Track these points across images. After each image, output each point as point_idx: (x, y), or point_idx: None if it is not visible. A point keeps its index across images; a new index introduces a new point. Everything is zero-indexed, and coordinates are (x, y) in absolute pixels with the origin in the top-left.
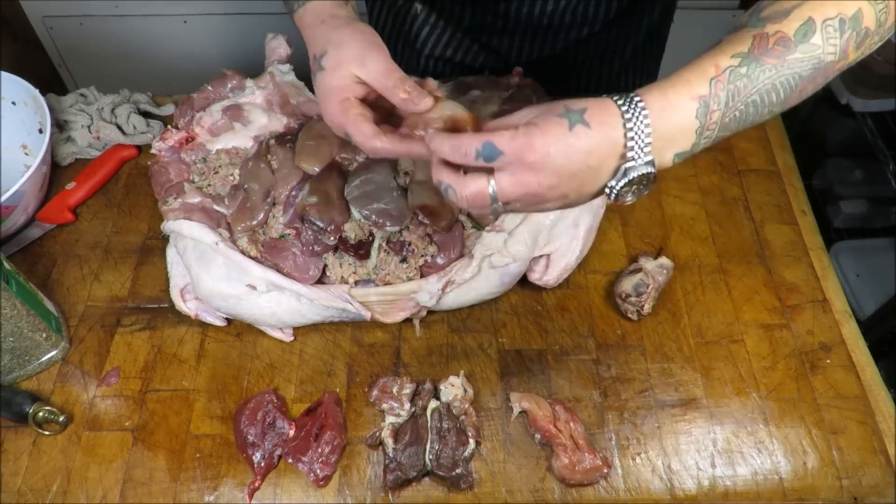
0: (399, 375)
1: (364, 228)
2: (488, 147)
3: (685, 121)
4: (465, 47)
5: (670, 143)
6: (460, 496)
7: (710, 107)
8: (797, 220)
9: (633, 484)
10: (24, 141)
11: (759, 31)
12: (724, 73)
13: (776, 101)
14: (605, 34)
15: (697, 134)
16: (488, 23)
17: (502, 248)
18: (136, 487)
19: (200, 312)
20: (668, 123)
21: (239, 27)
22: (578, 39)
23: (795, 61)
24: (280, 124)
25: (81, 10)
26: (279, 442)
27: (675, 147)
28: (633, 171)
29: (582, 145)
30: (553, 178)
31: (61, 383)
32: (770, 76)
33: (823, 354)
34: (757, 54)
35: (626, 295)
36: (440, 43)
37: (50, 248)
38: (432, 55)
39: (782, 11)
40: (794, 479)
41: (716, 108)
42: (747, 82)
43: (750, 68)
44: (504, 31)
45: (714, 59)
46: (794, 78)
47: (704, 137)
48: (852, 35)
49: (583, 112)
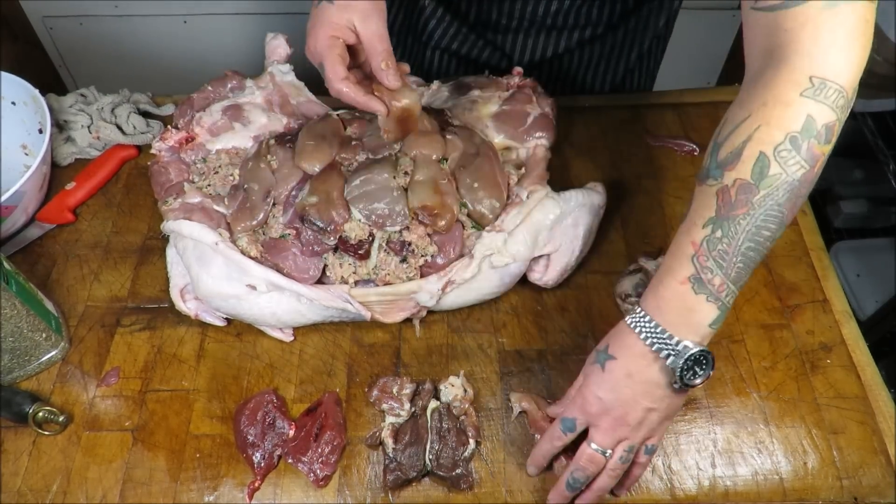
0: (399, 375)
1: (364, 228)
2: (566, 422)
3: (686, 303)
4: (470, 42)
5: (689, 323)
6: (460, 496)
7: (704, 278)
8: (797, 220)
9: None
10: (24, 141)
11: (720, 186)
12: (701, 246)
13: (771, 235)
14: (609, 37)
15: (713, 299)
16: (493, 20)
17: (502, 248)
18: (136, 487)
19: (200, 312)
20: (671, 314)
21: (239, 27)
22: (582, 41)
23: (764, 198)
24: (280, 124)
25: (81, 10)
26: (279, 442)
27: (700, 320)
28: (677, 361)
29: (617, 375)
30: (620, 408)
31: (61, 383)
32: (749, 223)
33: (824, 354)
34: (725, 213)
35: (627, 295)
36: (446, 36)
37: (50, 248)
38: (438, 47)
39: (735, 152)
40: (794, 479)
41: (712, 276)
42: (729, 241)
43: (724, 230)
44: (508, 28)
45: (689, 236)
46: (774, 209)
47: (726, 294)
48: (812, 142)
49: (606, 349)
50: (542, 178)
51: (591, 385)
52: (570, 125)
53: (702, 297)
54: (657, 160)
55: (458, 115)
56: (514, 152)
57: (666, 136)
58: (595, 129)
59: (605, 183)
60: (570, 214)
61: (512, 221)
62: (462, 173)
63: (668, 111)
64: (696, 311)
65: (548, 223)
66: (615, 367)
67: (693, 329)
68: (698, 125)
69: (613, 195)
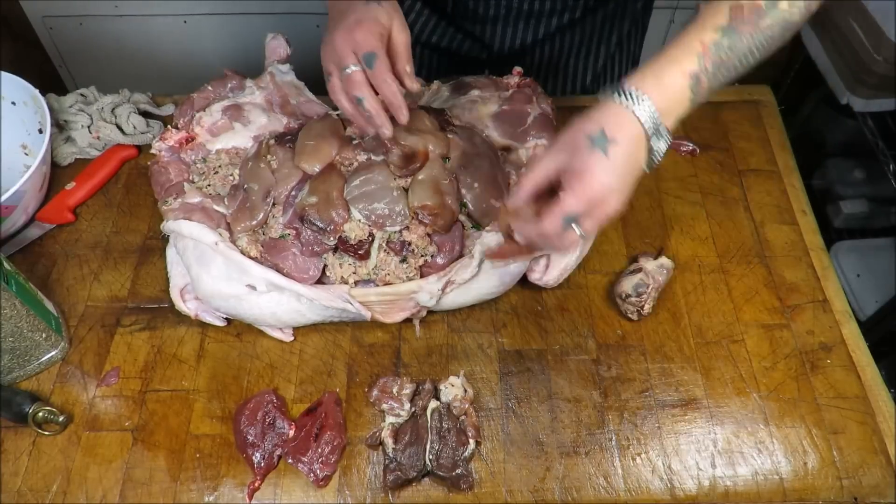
0: (399, 375)
1: (364, 228)
2: (567, 219)
3: (681, 95)
4: (449, 35)
5: (673, 112)
6: (460, 496)
7: (700, 79)
8: (797, 220)
9: (633, 484)
10: (24, 141)
11: (734, 3)
12: (709, 48)
13: (752, 62)
14: (588, 21)
15: (691, 102)
16: (471, 10)
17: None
18: (136, 487)
19: (200, 312)
20: (668, 101)
21: (239, 27)
22: (561, 26)
23: (767, 27)
24: (280, 124)
25: (81, 10)
26: (279, 442)
27: (676, 114)
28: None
29: (622, 160)
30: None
31: (61, 383)
32: (747, 43)
33: (824, 354)
34: (735, 25)
35: (627, 295)
36: (426, 30)
37: (50, 248)
38: (419, 42)
39: None
40: (794, 480)
41: (705, 79)
42: (730, 52)
43: (731, 40)
44: (486, 18)
45: (699, 35)
46: (767, 40)
47: (696, 103)
48: None
49: (603, 133)
50: None
51: (597, 172)
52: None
53: (689, 95)
54: None
55: (458, 115)
56: (514, 152)
57: None
58: None
59: None
60: None
61: None
62: (462, 173)
63: None
64: (681, 104)
65: None
66: (617, 152)
67: (672, 118)
68: (698, 125)
69: None
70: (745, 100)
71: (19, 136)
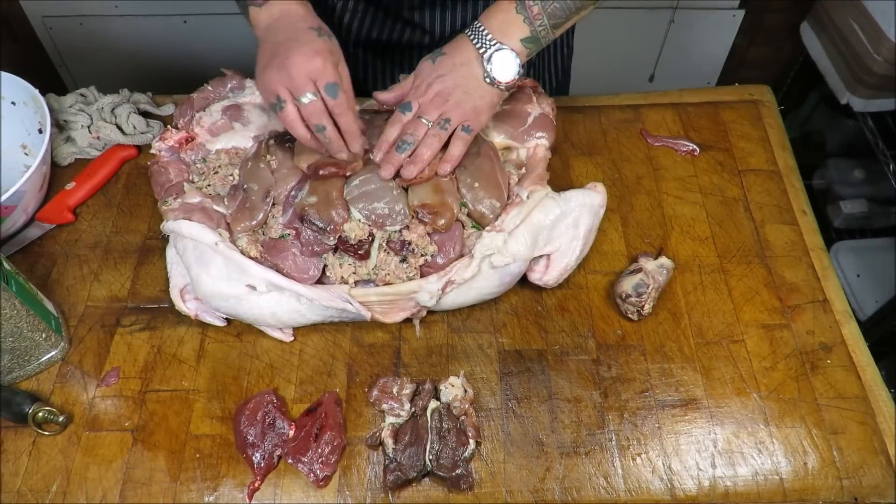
0: (399, 375)
1: (364, 228)
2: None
3: (508, 17)
4: (388, 26)
5: (507, 33)
6: (460, 496)
7: (526, 3)
8: (797, 220)
9: (633, 484)
10: (24, 141)
11: None
12: None
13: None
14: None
15: (528, 23)
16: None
17: (502, 248)
18: (136, 488)
19: (200, 312)
20: (495, 22)
21: (239, 27)
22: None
23: None
24: (280, 124)
25: (81, 10)
26: (279, 442)
27: (515, 33)
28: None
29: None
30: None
31: (61, 383)
32: None
33: (824, 355)
34: None
35: (627, 295)
36: (364, 26)
37: (50, 248)
38: (359, 40)
39: None
40: (794, 480)
41: (532, 4)
42: None
43: None
44: (423, 4)
45: None
46: None
47: (540, 26)
48: None
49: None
50: (543, 178)
51: (423, 74)
52: (570, 125)
53: (520, 17)
54: (657, 160)
55: None
56: (514, 152)
57: (666, 136)
58: (595, 129)
59: (605, 183)
60: (570, 214)
61: (512, 221)
62: (462, 173)
63: (668, 111)
64: (513, 25)
65: (548, 223)
66: (444, 60)
67: (510, 39)
68: (698, 125)
69: (613, 195)
70: (745, 100)
71: (19, 136)
